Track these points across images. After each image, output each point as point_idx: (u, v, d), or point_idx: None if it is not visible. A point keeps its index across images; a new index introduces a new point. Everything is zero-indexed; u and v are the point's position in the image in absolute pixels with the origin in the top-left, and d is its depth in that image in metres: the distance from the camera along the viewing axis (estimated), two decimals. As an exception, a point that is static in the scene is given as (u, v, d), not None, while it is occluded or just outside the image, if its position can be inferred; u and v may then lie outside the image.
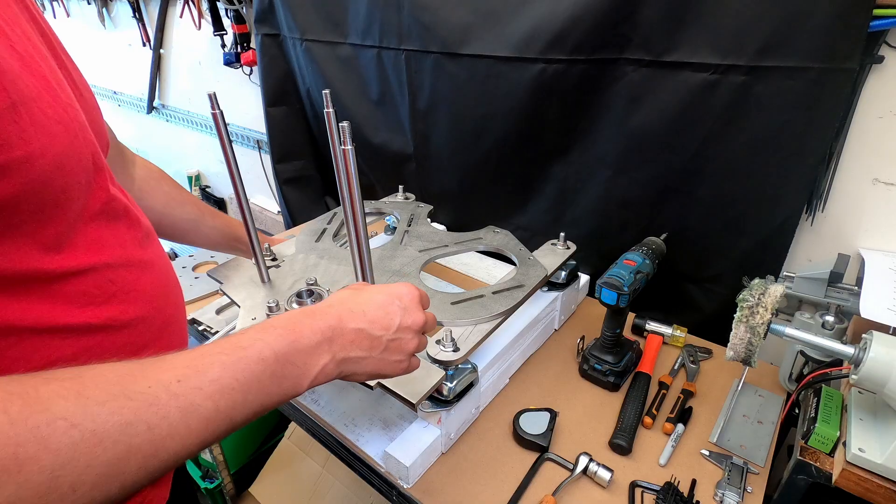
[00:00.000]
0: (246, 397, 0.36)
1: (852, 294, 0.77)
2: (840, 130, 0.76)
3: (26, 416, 0.26)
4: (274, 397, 0.39)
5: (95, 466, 0.28)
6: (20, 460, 0.25)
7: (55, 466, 0.26)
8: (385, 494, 0.73)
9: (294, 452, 1.34)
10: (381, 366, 0.48)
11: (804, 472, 0.62)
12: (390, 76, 1.19)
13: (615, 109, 0.92)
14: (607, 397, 0.85)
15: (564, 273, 0.95)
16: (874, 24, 0.67)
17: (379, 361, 0.48)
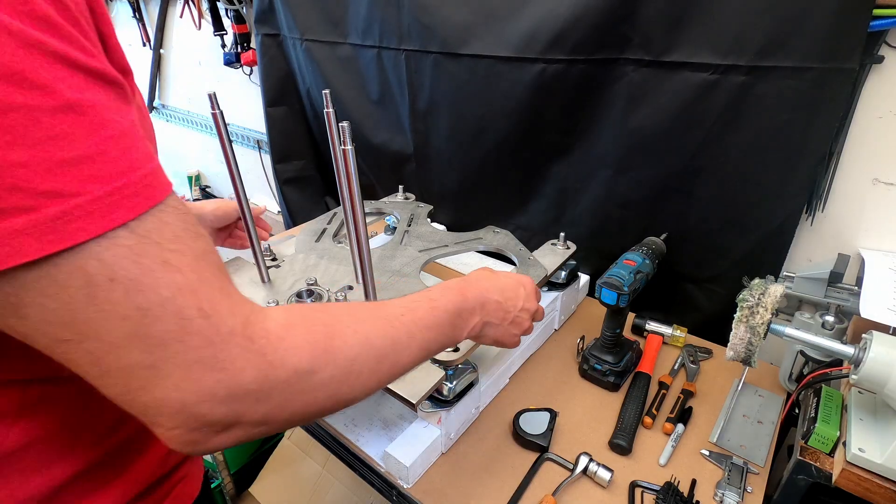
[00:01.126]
0: (436, 336, 0.48)
1: (852, 294, 0.77)
2: (840, 130, 0.76)
3: (332, 325, 0.38)
4: (446, 342, 0.51)
5: (369, 361, 0.40)
6: (335, 350, 0.37)
7: (350, 358, 0.38)
8: (385, 494, 0.73)
9: (294, 452, 1.34)
10: (503, 335, 0.60)
11: (804, 472, 0.62)
12: (390, 76, 1.20)
13: (615, 109, 0.92)
14: (607, 397, 0.85)
15: (564, 273, 0.95)
16: (874, 24, 0.67)
17: (504, 331, 0.60)
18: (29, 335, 0.28)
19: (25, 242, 0.25)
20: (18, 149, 0.25)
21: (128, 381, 0.29)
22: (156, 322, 0.29)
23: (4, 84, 0.24)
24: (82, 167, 0.27)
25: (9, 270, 0.26)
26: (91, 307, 0.27)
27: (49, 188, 0.26)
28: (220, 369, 0.31)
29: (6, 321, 0.28)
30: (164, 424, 0.31)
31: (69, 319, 0.27)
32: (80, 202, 0.26)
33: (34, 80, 0.25)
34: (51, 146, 0.25)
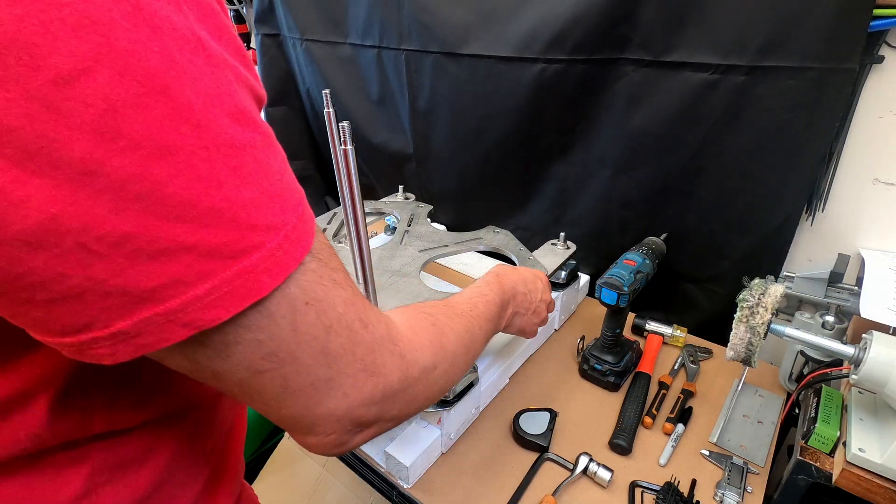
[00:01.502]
0: (492, 327, 0.55)
1: (852, 294, 0.77)
2: (840, 130, 0.76)
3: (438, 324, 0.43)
4: (495, 332, 0.57)
5: (462, 353, 0.45)
6: (445, 346, 0.42)
7: (453, 352, 0.43)
8: (385, 494, 0.73)
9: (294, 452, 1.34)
10: (527, 324, 0.67)
11: (804, 472, 0.62)
12: (390, 76, 1.19)
13: (615, 109, 0.92)
14: (607, 397, 0.85)
15: (564, 273, 0.95)
16: (874, 24, 0.67)
17: (527, 320, 0.66)
18: (222, 373, 0.28)
19: (261, 279, 0.25)
20: (248, 187, 0.25)
21: (308, 398, 0.30)
22: (336, 337, 0.30)
23: (234, 123, 0.24)
24: (283, 198, 0.27)
25: (235, 315, 0.25)
26: (291, 333, 0.28)
27: (269, 222, 0.26)
28: (378, 374, 0.33)
29: (208, 364, 0.27)
30: (323, 431, 0.32)
31: (273, 349, 0.27)
32: (286, 232, 0.26)
33: (250, 116, 0.25)
34: (264, 181, 0.26)
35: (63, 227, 0.21)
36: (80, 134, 0.20)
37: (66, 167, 0.20)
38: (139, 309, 0.23)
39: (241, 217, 0.24)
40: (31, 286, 0.21)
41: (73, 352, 0.24)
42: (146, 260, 0.22)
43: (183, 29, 0.22)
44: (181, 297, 0.23)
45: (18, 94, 0.19)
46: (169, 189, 0.22)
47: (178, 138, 0.22)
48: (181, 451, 0.39)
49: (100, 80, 0.20)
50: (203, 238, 0.23)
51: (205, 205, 0.23)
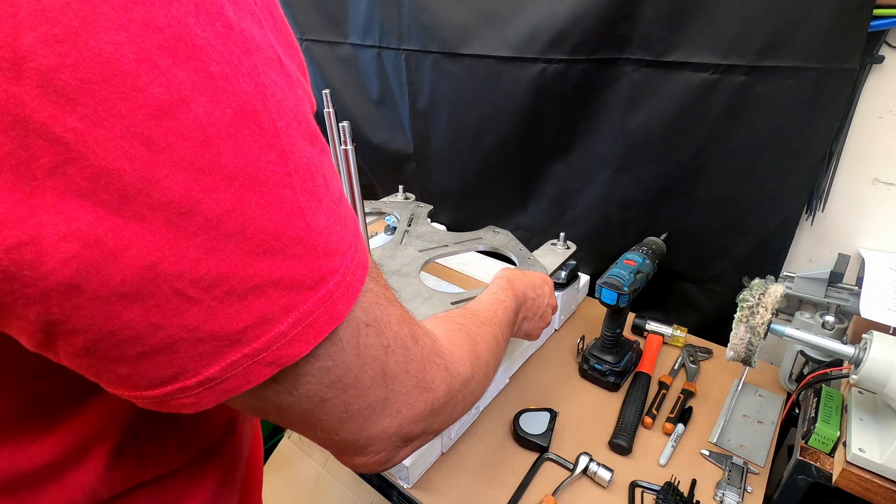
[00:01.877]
0: (510, 333, 0.55)
1: (852, 294, 0.77)
2: (840, 130, 0.76)
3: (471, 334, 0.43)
4: (509, 338, 0.56)
5: (492, 361, 0.45)
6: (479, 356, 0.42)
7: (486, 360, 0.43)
8: (385, 494, 0.73)
9: (294, 452, 1.34)
10: (533, 328, 0.67)
11: (804, 472, 0.62)
12: (390, 76, 1.19)
13: (615, 109, 0.92)
14: (607, 397, 0.85)
15: (564, 273, 0.95)
16: (874, 24, 0.67)
17: (534, 325, 0.67)
18: (286, 408, 0.26)
19: (336, 306, 0.24)
20: (322, 212, 0.23)
21: (364, 420, 0.29)
22: (392, 356, 0.29)
23: (308, 145, 0.23)
24: (346, 219, 0.26)
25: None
26: (355, 357, 0.27)
27: (339, 246, 0.24)
28: (428, 388, 0.33)
29: (275, 400, 0.25)
30: (374, 451, 0.31)
31: (339, 376, 0.26)
32: (352, 254, 0.25)
33: (318, 135, 0.24)
34: (332, 203, 0.24)
35: (161, 274, 0.19)
36: (178, 171, 0.18)
37: (164, 209, 0.18)
38: (228, 353, 0.22)
39: (319, 244, 0.23)
40: (124, 342, 0.20)
41: (152, 403, 0.22)
42: (237, 300, 0.21)
43: (266, 47, 0.21)
44: (267, 335, 0.22)
45: (118, 133, 0.17)
46: (259, 222, 0.21)
47: (266, 167, 0.21)
48: (219, 483, 0.38)
49: (196, 110, 0.18)
50: (288, 270, 0.22)
51: (289, 235, 0.22)
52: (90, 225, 0.17)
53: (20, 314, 0.18)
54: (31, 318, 0.18)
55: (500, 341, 0.49)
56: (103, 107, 0.17)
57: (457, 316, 0.46)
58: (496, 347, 0.47)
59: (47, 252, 0.17)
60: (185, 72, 0.18)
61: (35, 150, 0.16)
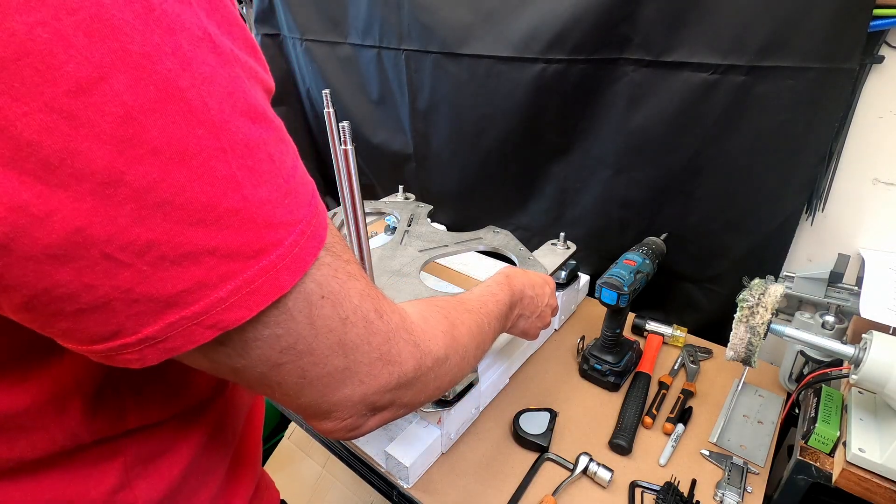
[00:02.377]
0: (500, 326, 0.56)
1: (852, 294, 0.77)
2: (840, 130, 0.76)
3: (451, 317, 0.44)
4: (502, 331, 0.58)
5: (472, 347, 0.45)
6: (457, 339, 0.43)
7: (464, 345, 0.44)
8: (385, 494, 0.73)
9: (294, 452, 1.34)
10: (531, 327, 0.68)
11: (804, 472, 0.62)
12: (390, 76, 1.19)
13: (615, 109, 0.92)
14: (607, 397, 0.85)
15: (564, 273, 0.95)
16: (874, 24, 0.67)
17: (531, 323, 0.67)
18: (241, 370, 0.28)
19: (280, 277, 0.25)
20: (264, 186, 0.24)
21: (325, 387, 0.31)
22: (352, 328, 0.31)
23: (248, 122, 0.24)
24: (297, 193, 0.27)
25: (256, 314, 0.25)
26: (308, 327, 0.28)
27: (285, 219, 0.26)
28: (393, 362, 0.34)
29: (227, 362, 0.27)
30: (340, 416, 0.33)
31: (291, 343, 0.28)
32: (302, 228, 0.26)
33: (262, 112, 0.25)
34: (278, 178, 0.25)
35: (88, 239, 0.20)
36: (101, 144, 0.20)
37: (88, 179, 0.20)
38: (166, 314, 0.23)
39: (259, 216, 0.24)
40: (59, 298, 0.21)
41: (101, 358, 0.24)
42: (170, 265, 0.22)
43: (194, 27, 0.22)
44: (205, 299, 0.23)
45: (37, 107, 0.18)
46: (189, 193, 0.22)
47: (195, 142, 0.22)
48: (207, 439, 0.39)
49: (116, 87, 0.19)
50: (224, 240, 0.23)
51: (224, 207, 0.23)
52: (15, 191, 0.19)
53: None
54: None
55: (485, 330, 0.49)
56: (20, 83, 0.18)
57: (439, 300, 0.46)
58: (480, 335, 0.48)
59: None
60: (101, 51, 0.19)
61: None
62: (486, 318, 0.51)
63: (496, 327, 0.54)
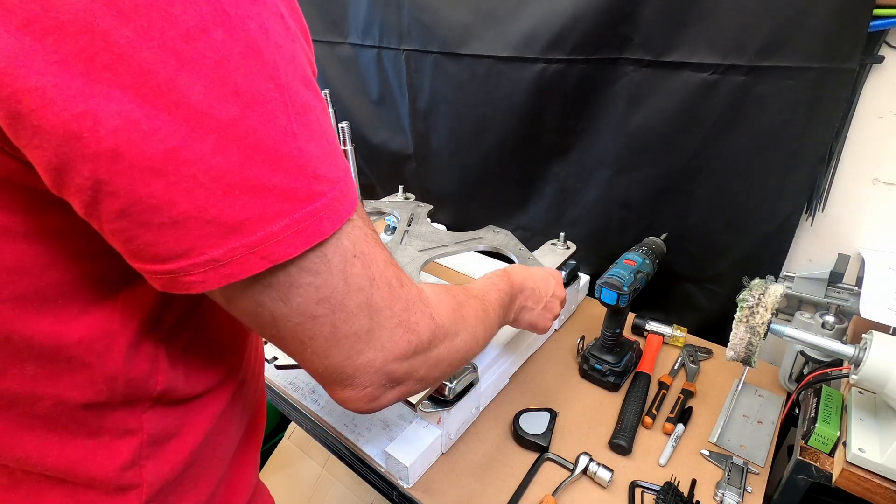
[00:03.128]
0: (503, 315, 0.57)
1: (852, 294, 0.77)
2: (840, 130, 0.76)
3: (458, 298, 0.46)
4: (503, 322, 0.59)
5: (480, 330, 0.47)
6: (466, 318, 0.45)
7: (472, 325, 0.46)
8: (385, 494, 0.73)
9: (294, 452, 1.34)
10: (537, 319, 0.68)
11: (804, 472, 0.62)
12: (390, 76, 1.19)
13: (615, 109, 0.92)
14: (607, 397, 0.85)
15: (565, 273, 0.95)
16: (874, 24, 0.67)
17: (537, 315, 0.68)
18: (280, 319, 0.31)
19: (323, 223, 0.29)
20: (314, 142, 0.28)
21: (351, 347, 0.33)
22: (377, 290, 0.33)
23: (304, 88, 0.28)
24: (336, 157, 0.30)
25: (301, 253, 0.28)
26: (342, 281, 0.31)
27: (329, 175, 0.29)
28: (411, 330, 0.36)
29: (271, 306, 0.30)
30: (361, 384, 0.35)
31: (326, 295, 0.31)
32: (341, 187, 0.30)
33: (314, 85, 0.30)
34: (324, 139, 0.29)
35: (179, 158, 0.24)
36: (199, 80, 0.24)
37: (185, 107, 0.24)
38: (229, 238, 0.26)
39: (309, 167, 0.28)
40: (150, 209, 0.25)
41: (167, 281, 0.27)
42: (239, 195, 0.26)
43: (272, 3, 0.27)
44: (262, 231, 0.27)
45: (157, 44, 0.23)
46: (259, 135, 0.26)
47: (266, 92, 0.26)
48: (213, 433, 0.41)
49: (215, 38, 0.24)
50: (281, 181, 0.27)
51: (283, 151, 0.27)
52: (131, 109, 0.23)
53: (78, 170, 0.23)
54: (85, 174, 0.24)
55: (489, 315, 0.51)
56: (148, 24, 0.22)
57: (445, 285, 0.48)
58: (486, 319, 0.50)
59: (100, 123, 0.23)
60: (207, 8, 0.24)
61: (96, 50, 0.22)
62: (491, 304, 0.53)
63: (500, 314, 0.56)
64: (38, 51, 0.21)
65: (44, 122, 0.22)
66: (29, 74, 0.21)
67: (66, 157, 0.23)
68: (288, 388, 0.85)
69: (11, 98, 0.22)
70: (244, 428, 0.47)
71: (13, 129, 0.23)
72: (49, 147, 0.23)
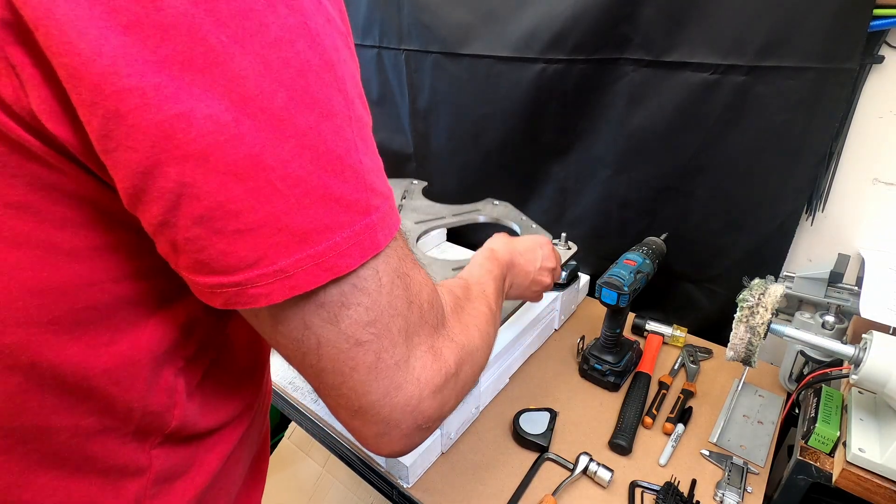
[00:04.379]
0: (501, 303, 0.55)
1: (852, 294, 0.77)
2: (840, 130, 0.76)
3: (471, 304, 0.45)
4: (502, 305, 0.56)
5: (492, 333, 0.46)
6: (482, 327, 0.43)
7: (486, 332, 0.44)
8: (385, 494, 0.73)
9: (294, 452, 1.34)
10: (526, 293, 0.68)
11: (804, 472, 0.62)
12: (390, 76, 1.19)
13: (615, 109, 0.92)
14: (607, 397, 0.85)
15: (565, 273, 0.95)
16: (874, 24, 0.67)
17: (526, 289, 0.67)
18: (325, 345, 0.29)
19: (377, 236, 0.29)
20: (369, 157, 0.29)
21: (391, 380, 0.31)
22: (412, 315, 0.32)
23: (360, 103, 0.29)
24: (382, 169, 0.31)
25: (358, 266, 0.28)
26: (388, 303, 0.30)
27: (382, 189, 0.30)
28: (439, 358, 0.34)
29: (320, 330, 0.29)
30: (398, 426, 0.33)
31: (374, 317, 0.30)
32: (390, 202, 0.30)
33: (365, 100, 0.30)
34: (375, 155, 0.30)
35: (260, 164, 0.24)
36: (281, 88, 0.24)
37: (268, 114, 0.24)
38: (298, 248, 0.26)
39: (367, 180, 0.28)
40: (228, 214, 0.25)
41: (232, 295, 0.26)
42: (308, 203, 0.26)
43: (338, 24, 0.28)
44: (327, 241, 0.27)
45: (249, 50, 0.23)
46: (329, 144, 0.26)
47: (336, 105, 0.27)
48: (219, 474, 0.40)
49: (298, 49, 0.25)
50: (345, 192, 0.27)
51: (348, 163, 0.27)
52: (222, 112, 0.23)
53: (165, 172, 0.23)
54: (172, 176, 0.24)
55: (495, 313, 0.50)
56: (243, 31, 0.23)
57: (455, 288, 0.46)
58: (493, 320, 0.48)
59: (193, 124, 0.23)
60: (292, 21, 0.25)
61: (194, 52, 0.22)
62: (492, 299, 0.51)
63: (499, 303, 0.55)
64: (141, 51, 0.22)
65: (140, 122, 0.22)
66: (132, 74, 0.22)
67: (156, 158, 0.23)
68: (288, 388, 0.85)
69: (113, 97, 0.22)
70: (248, 467, 0.45)
71: (108, 130, 0.22)
72: (141, 148, 0.23)
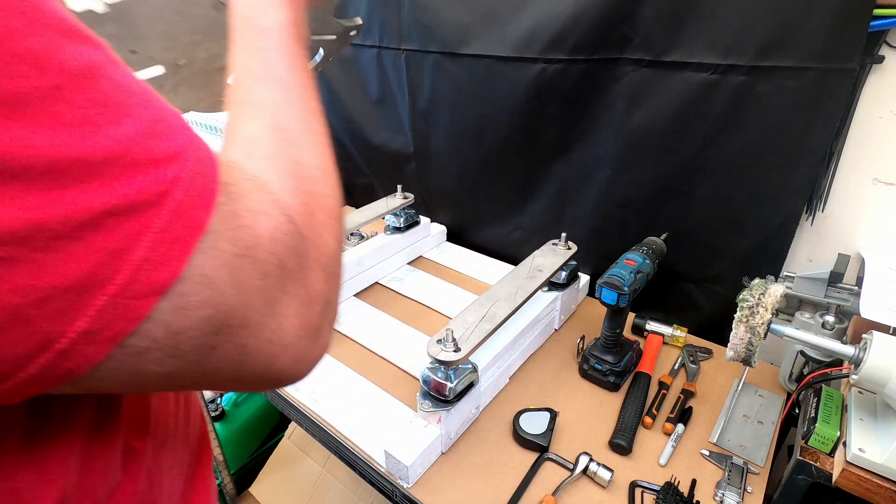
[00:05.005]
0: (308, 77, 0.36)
1: (852, 294, 0.77)
2: (840, 130, 0.76)
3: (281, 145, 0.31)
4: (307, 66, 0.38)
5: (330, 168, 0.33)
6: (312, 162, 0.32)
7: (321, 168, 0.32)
8: (385, 494, 0.73)
9: (294, 452, 1.34)
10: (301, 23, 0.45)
11: (804, 472, 0.62)
12: (390, 76, 1.20)
13: (615, 109, 0.92)
14: (607, 397, 0.85)
15: (565, 273, 0.95)
16: (874, 24, 0.67)
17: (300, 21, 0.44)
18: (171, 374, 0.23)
19: (194, 215, 0.22)
20: (126, 119, 0.21)
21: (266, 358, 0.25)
22: (268, 281, 0.25)
23: (72, 43, 0.20)
24: (164, 117, 0.22)
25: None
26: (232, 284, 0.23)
27: (169, 150, 0.22)
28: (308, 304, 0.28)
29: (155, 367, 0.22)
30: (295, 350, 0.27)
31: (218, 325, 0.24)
32: (193, 153, 0.23)
33: (81, 31, 0.21)
34: (136, 105, 0.21)
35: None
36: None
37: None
38: (90, 299, 0.19)
39: (140, 156, 0.20)
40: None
41: (43, 384, 0.20)
42: (68, 243, 0.18)
43: None
44: (128, 267, 0.20)
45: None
46: (44, 152, 0.18)
47: (21, 85, 0.17)
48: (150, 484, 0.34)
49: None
50: (115, 194, 0.19)
51: (95, 157, 0.19)
52: None
53: None
54: None
55: (314, 111, 0.35)
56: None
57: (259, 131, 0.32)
58: (315, 124, 0.34)
59: None
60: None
61: None
62: (308, 91, 0.35)
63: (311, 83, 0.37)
64: None
65: None
66: None
67: None
68: (288, 388, 0.85)
69: None
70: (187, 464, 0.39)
71: None
72: None
